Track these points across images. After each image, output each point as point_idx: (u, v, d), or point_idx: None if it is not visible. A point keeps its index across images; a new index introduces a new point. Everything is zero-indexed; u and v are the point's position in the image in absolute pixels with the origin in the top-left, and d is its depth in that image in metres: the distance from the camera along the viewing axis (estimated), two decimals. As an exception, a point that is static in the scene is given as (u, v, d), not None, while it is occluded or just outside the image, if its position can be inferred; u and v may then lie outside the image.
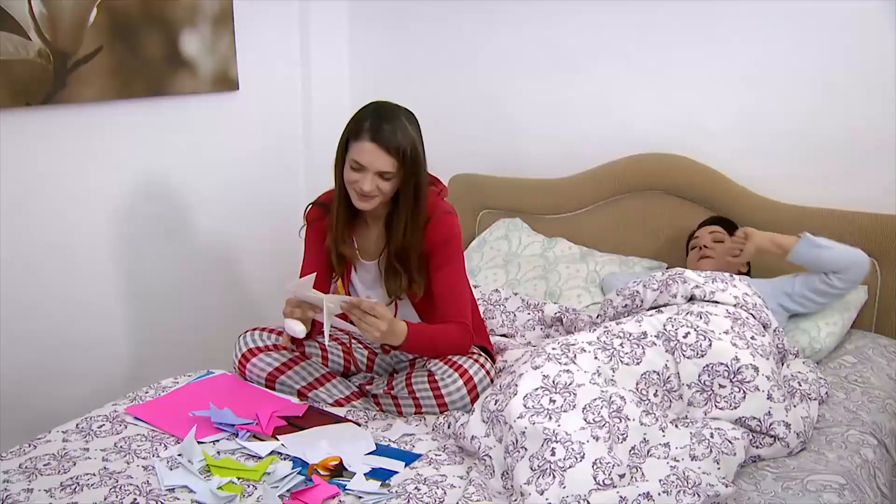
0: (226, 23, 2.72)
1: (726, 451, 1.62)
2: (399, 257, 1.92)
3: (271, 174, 3.04)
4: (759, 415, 1.71)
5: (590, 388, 1.66)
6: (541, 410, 1.60)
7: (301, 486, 1.57)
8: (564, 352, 1.76)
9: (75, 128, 2.34)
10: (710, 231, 2.38)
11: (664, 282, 2.01)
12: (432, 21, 3.01)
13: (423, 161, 1.87)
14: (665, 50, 2.61)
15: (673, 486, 1.47)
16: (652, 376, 1.77)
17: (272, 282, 3.05)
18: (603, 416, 1.60)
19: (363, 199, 1.86)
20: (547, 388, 1.65)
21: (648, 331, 1.83)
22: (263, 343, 2.04)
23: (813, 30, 2.38)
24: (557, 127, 2.83)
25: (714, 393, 1.75)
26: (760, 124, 2.51)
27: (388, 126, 1.81)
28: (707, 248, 2.32)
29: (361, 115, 1.85)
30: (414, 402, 1.90)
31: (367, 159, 1.81)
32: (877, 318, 2.33)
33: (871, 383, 2.02)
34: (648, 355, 1.79)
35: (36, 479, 1.57)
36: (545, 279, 2.59)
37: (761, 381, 1.73)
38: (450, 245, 1.95)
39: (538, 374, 1.69)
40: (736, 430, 1.68)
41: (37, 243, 2.30)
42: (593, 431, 1.56)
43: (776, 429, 1.70)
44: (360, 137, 1.82)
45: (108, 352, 2.53)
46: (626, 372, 1.76)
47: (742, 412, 1.72)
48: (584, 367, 1.72)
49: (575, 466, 1.49)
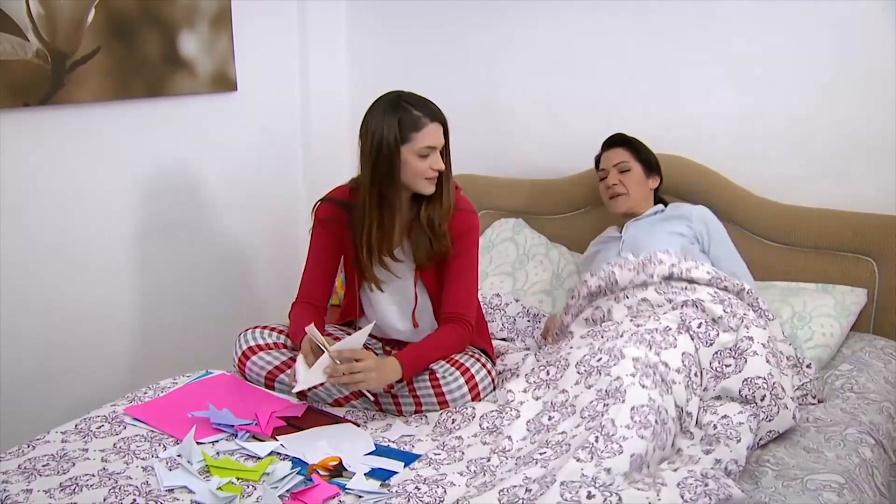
0: (224, 23, 2.71)
1: (732, 436, 1.67)
2: (430, 225, 1.93)
3: (270, 174, 3.04)
4: (763, 374, 1.79)
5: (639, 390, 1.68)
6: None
7: (300, 486, 1.57)
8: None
9: (73, 128, 2.34)
10: (615, 163, 2.36)
11: (641, 263, 2.06)
12: (431, 21, 3.01)
13: None
14: (664, 50, 2.61)
15: (691, 488, 1.48)
16: (689, 357, 1.84)
17: (271, 281, 3.06)
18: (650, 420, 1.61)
19: (431, 183, 1.92)
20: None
21: (671, 326, 1.88)
22: (263, 341, 2.03)
23: (813, 30, 2.38)
24: (556, 127, 2.84)
25: (724, 375, 1.84)
26: (760, 125, 2.51)
27: (429, 104, 1.90)
28: (616, 186, 2.33)
29: (401, 110, 1.86)
30: (414, 400, 1.90)
31: (437, 139, 1.89)
32: (875, 318, 2.33)
33: (867, 387, 2.02)
34: (680, 341, 1.86)
35: (35, 480, 1.57)
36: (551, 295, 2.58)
37: (758, 347, 1.84)
38: (468, 238, 1.99)
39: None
40: (742, 414, 1.73)
41: (35, 244, 2.29)
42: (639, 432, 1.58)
43: (778, 390, 1.77)
44: (422, 125, 1.86)
45: (106, 352, 2.53)
46: (668, 356, 1.81)
47: (746, 374, 1.80)
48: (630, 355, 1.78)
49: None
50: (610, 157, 2.38)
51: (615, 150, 2.38)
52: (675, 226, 2.25)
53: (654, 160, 2.40)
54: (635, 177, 2.34)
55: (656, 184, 2.40)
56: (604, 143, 2.45)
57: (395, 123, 1.85)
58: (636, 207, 2.35)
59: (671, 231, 2.23)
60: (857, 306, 2.28)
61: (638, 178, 2.35)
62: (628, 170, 2.34)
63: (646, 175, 2.36)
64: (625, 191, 2.33)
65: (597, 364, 1.78)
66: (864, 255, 2.31)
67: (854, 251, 2.32)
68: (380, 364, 1.79)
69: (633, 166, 2.34)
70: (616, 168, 2.34)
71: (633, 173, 2.34)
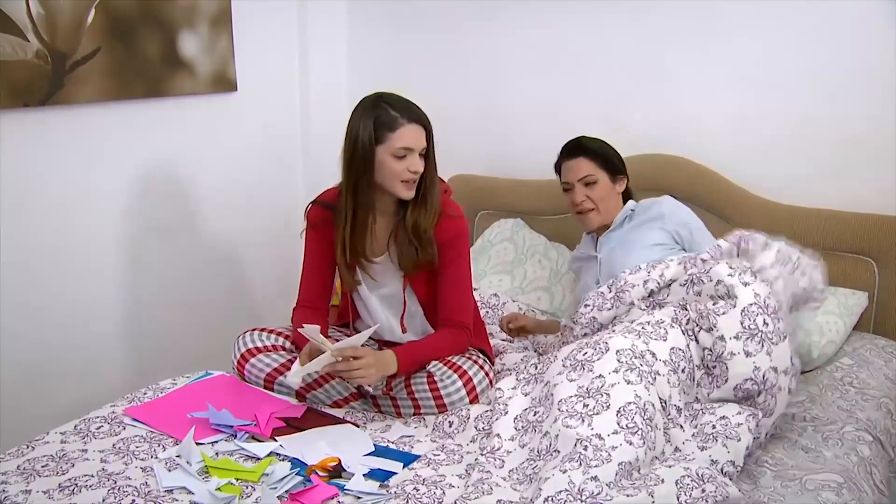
0: (224, 23, 2.72)
1: (731, 436, 1.64)
2: (415, 232, 1.92)
3: (270, 175, 3.04)
4: (750, 374, 1.73)
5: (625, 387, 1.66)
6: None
7: (300, 486, 1.57)
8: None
9: (73, 128, 2.34)
10: (580, 177, 2.21)
11: (615, 297, 1.99)
12: (431, 22, 3.01)
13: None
14: (663, 50, 2.61)
15: (688, 488, 1.47)
16: (678, 353, 1.78)
17: (271, 282, 3.06)
18: (636, 423, 1.60)
19: (410, 186, 1.89)
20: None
21: (664, 319, 1.85)
22: (262, 343, 2.03)
23: (813, 30, 2.38)
24: (555, 128, 2.81)
25: (713, 375, 1.78)
26: (759, 125, 2.51)
27: (411, 105, 1.87)
28: (585, 202, 2.21)
29: (379, 108, 1.85)
30: (413, 402, 1.90)
31: (413, 140, 1.85)
32: (875, 318, 2.33)
33: (868, 383, 2.02)
34: (672, 334, 1.81)
35: (34, 481, 1.57)
36: (549, 292, 2.58)
37: (731, 345, 1.75)
38: (457, 244, 1.97)
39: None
40: (741, 414, 1.69)
41: (35, 244, 2.30)
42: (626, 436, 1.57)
43: (769, 378, 1.72)
44: (398, 125, 1.84)
45: (105, 353, 2.53)
46: (657, 346, 1.77)
47: (734, 381, 1.74)
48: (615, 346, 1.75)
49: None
50: (573, 168, 2.23)
51: (577, 160, 2.23)
52: (649, 233, 2.15)
53: (618, 161, 2.26)
54: (603, 189, 2.21)
55: (623, 186, 2.27)
56: (562, 151, 2.29)
57: (371, 123, 1.84)
58: (608, 220, 2.24)
59: (647, 244, 2.13)
60: (859, 308, 2.28)
61: (605, 189, 2.21)
62: (595, 182, 2.20)
63: (612, 182, 2.23)
64: (593, 206, 2.21)
65: (582, 358, 1.75)
66: (864, 256, 2.31)
67: (854, 252, 2.32)
68: (378, 357, 1.81)
69: (600, 177, 2.20)
70: (581, 182, 2.21)
71: (599, 185, 2.20)
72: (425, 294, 2.01)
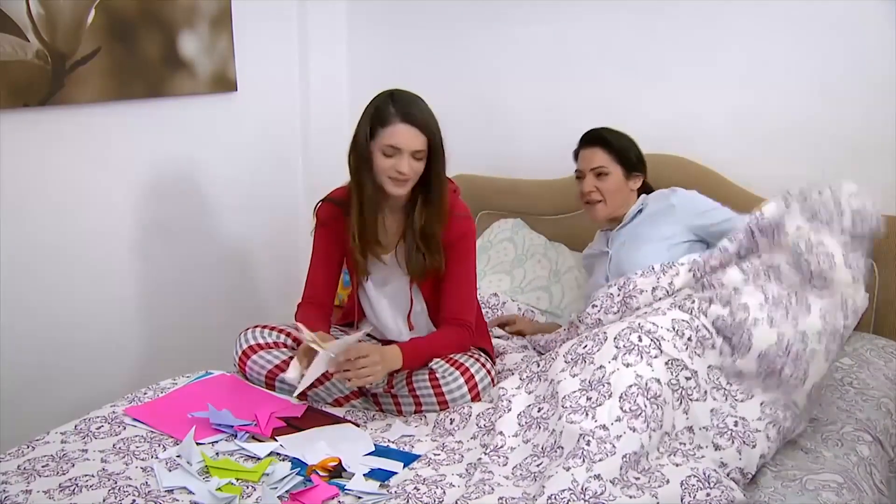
0: (224, 24, 2.72)
1: (748, 442, 1.63)
2: (423, 236, 1.93)
3: (270, 174, 3.04)
4: (774, 341, 1.69)
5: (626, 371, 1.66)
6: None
7: (300, 486, 1.57)
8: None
9: (73, 129, 2.34)
10: (592, 167, 2.21)
11: (622, 302, 1.98)
12: (431, 22, 3.01)
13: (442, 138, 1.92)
14: (664, 51, 2.61)
15: (693, 489, 1.47)
16: (682, 323, 1.77)
17: (272, 282, 3.06)
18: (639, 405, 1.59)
19: (399, 184, 1.89)
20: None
21: (662, 306, 1.86)
22: (264, 340, 2.04)
23: (812, 30, 2.38)
24: (556, 128, 2.82)
25: (732, 344, 1.75)
26: (759, 125, 2.51)
27: (413, 106, 1.86)
28: (593, 193, 2.21)
29: (380, 102, 1.87)
30: (414, 400, 1.90)
31: (402, 141, 1.84)
32: (875, 318, 2.32)
33: (867, 383, 2.02)
34: (671, 312, 1.81)
35: (34, 481, 1.57)
36: (549, 291, 2.58)
37: (756, 313, 1.73)
38: (464, 243, 1.98)
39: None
40: (761, 420, 1.67)
41: (35, 244, 2.30)
42: (629, 422, 1.57)
43: (795, 345, 1.68)
44: (389, 122, 1.84)
45: (106, 353, 2.53)
46: (656, 319, 1.77)
47: (757, 348, 1.70)
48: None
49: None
50: (587, 157, 2.24)
51: (593, 150, 2.23)
52: (660, 227, 2.13)
53: (636, 158, 2.25)
54: (613, 182, 2.20)
55: (638, 184, 2.26)
56: (582, 139, 2.29)
57: (372, 115, 1.87)
58: (615, 214, 2.23)
59: (656, 238, 2.11)
60: (862, 308, 2.26)
61: (616, 183, 2.21)
62: (606, 174, 2.20)
63: (626, 177, 2.22)
64: (601, 198, 2.21)
65: (582, 351, 1.76)
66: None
67: (854, 251, 2.31)
68: (383, 354, 1.81)
69: (612, 170, 2.20)
70: (593, 172, 2.21)
71: (610, 178, 2.20)
72: (430, 292, 2.02)
